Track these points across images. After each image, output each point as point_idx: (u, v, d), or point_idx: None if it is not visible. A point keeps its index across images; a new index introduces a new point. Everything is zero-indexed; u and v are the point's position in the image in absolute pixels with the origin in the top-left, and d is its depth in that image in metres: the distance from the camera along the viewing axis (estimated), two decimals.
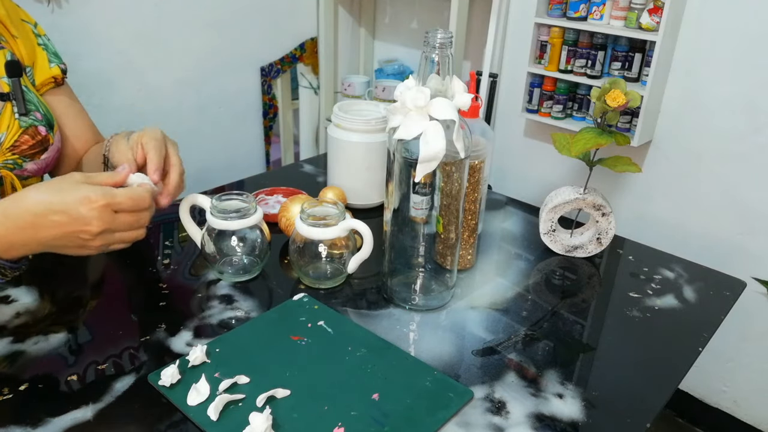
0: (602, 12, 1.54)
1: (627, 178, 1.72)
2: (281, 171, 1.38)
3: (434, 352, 0.74)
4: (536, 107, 1.75)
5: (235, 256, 0.87)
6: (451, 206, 0.78)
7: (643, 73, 1.56)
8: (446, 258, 0.82)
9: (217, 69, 1.95)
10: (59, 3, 0.97)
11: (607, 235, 0.96)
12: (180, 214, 0.86)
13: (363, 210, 1.06)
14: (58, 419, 0.61)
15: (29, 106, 0.88)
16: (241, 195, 0.85)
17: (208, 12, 1.86)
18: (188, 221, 0.87)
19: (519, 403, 0.67)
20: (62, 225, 0.68)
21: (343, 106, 1.06)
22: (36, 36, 0.95)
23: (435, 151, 0.69)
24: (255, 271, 0.87)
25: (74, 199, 0.67)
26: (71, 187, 0.69)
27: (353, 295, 0.85)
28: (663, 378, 0.72)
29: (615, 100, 0.86)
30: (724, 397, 1.74)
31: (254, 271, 0.87)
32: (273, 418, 0.61)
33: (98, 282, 0.87)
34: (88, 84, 1.59)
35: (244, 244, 0.85)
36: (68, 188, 0.69)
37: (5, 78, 0.86)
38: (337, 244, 0.84)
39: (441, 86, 0.72)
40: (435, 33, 0.71)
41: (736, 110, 1.49)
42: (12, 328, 0.74)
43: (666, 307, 0.86)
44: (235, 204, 0.84)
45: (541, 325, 0.81)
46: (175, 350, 0.72)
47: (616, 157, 0.92)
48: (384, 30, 2.25)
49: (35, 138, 0.87)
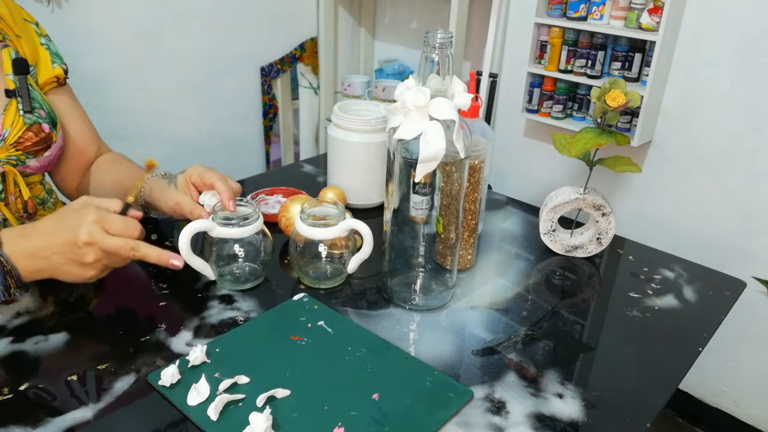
0: (602, 12, 1.54)
1: (627, 178, 1.72)
2: (281, 171, 1.38)
3: (434, 352, 0.74)
4: (536, 107, 1.75)
5: (238, 264, 0.85)
6: (451, 206, 0.78)
7: (643, 73, 1.56)
8: (446, 258, 0.82)
9: (217, 69, 1.95)
10: (59, 3, 0.97)
11: (607, 235, 0.96)
12: (180, 248, 0.79)
13: (363, 210, 1.06)
14: (58, 419, 0.61)
15: (34, 103, 0.88)
16: (242, 200, 0.84)
17: (208, 12, 1.86)
18: (191, 257, 0.81)
19: (519, 403, 0.67)
20: (60, 231, 0.72)
21: (343, 106, 1.06)
22: (39, 36, 0.95)
23: (435, 151, 0.69)
24: (260, 278, 0.86)
25: (72, 214, 0.73)
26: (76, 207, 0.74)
27: (353, 295, 0.85)
28: (663, 378, 0.72)
29: (615, 100, 0.86)
30: (724, 397, 1.74)
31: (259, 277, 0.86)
32: (273, 418, 0.61)
33: (98, 282, 0.87)
34: (88, 84, 1.59)
35: (249, 251, 0.84)
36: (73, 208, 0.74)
37: (11, 75, 0.87)
38: (337, 244, 0.84)
39: (441, 86, 0.72)
40: (435, 33, 0.71)
41: (736, 110, 1.49)
42: (12, 328, 0.74)
43: (666, 307, 0.86)
44: (240, 211, 0.83)
45: (541, 325, 0.81)
46: (175, 350, 0.72)
47: (616, 157, 0.92)
48: (384, 30, 2.25)
49: (39, 135, 0.88)
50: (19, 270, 0.72)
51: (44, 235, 0.72)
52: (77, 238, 0.70)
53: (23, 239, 0.72)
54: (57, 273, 0.73)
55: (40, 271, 0.73)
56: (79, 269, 0.73)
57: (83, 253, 0.71)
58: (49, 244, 0.72)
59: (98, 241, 0.71)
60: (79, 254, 0.71)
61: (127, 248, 0.72)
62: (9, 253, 0.71)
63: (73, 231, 0.71)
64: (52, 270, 0.73)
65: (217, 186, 0.83)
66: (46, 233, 0.72)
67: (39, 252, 0.72)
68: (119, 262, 0.75)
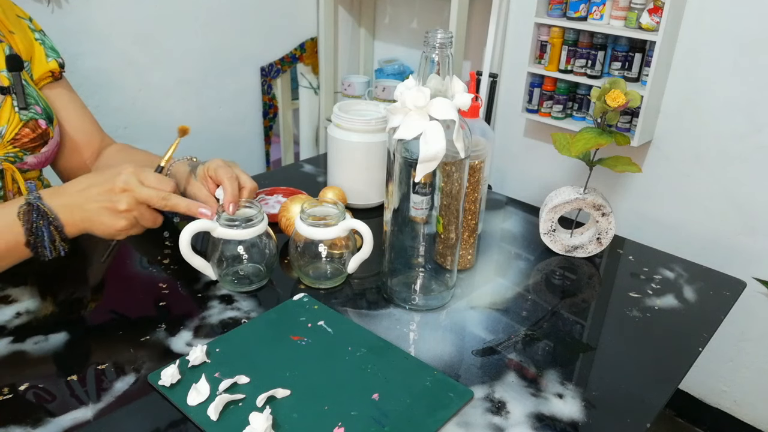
0: (602, 12, 1.54)
1: (627, 178, 1.72)
2: (281, 171, 1.38)
3: (434, 352, 0.74)
4: (536, 107, 1.75)
5: (241, 265, 0.84)
6: (451, 206, 0.78)
7: (643, 73, 1.56)
8: (446, 258, 0.82)
9: (217, 69, 1.95)
10: (59, 3, 0.97)
11: (607, 235, 0.96)
12: (181, 247, 0.79)
13: (363, 210, 1.06)
14: (58, 419, 0.61)
15: (29, 99, 0.88)
16: (244, 201, 0.84)
17: (208, 12, 1.86)
18: (192, 256, 0.81)
19: (519, 403, 0.67)
20: (94, 185, 0.76)
21: (343, 106, 1.06)
22: (32, 31, 0.95)
23: (435, 151, 0.69)
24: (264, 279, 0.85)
25: (109, 170, 0.77)
26: (111, 169, 0.78)
27: (353, 295, 0.85)
28: (663, 378, 0.72)
29: (615, 100, 0.86)
30: (724, 397, 1.74)
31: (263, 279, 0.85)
32: (273, 418, 0.61)
33: (98, 282, 0.87)
34: (88, 84, 1.59)
35: (253, 253, 0.83)
36: (108, 170, 0.78)
37: (5, 72, 0.87)
38: (337, 244, 0.84)
39: (441, 86, 0.72)
40: (435, 33, 0.71)
41: (736, 110, 1.49)
42: (12, 328, 0.74)
43: (666, 307, 0.86)
44: (242, 212, 0.82)
45: (541, 325, 0.81)
46: (175, 350, 0.72)
47: (616, 157, 0.92)
48: (384, 30, 2.25)
49: (35, 131, 0.88)
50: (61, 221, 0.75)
51: (79, 189, 0.76)
52: (115, 185, 0.74)
53: (59, 196, 0.76)
54: (91, 224, 0.76)
55: (77, 223, 0.76)
56: (112, 218, 0.75)
57: (118, 199, 0.74)
58: (85, 197, 0.75)
59: (134, 189, 0.74)
60: (114, 201, 0.74)
61: (159, 197, 0.76)
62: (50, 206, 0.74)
63: (111, 180, 0.75)
64: (86, 221, 0.76)
65: (225, 186, 0.84)
66: (81, 188, 0.76)
67: (75, 204, 0.75)
68: (149, 218, 0.77)
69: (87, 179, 0.78)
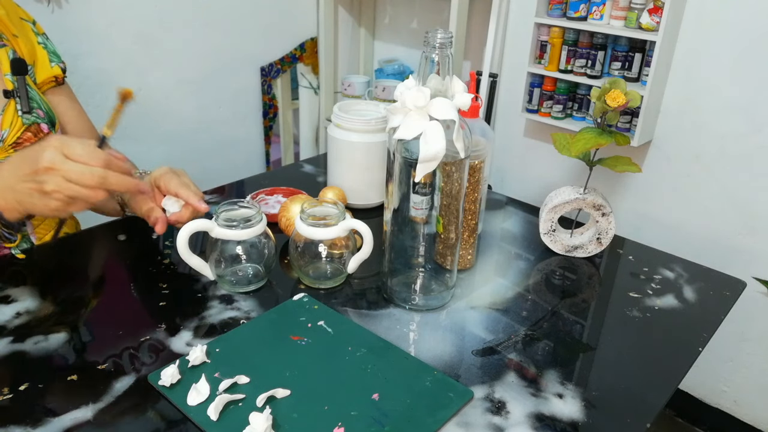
0: (602, 12, 1.54)
1: (627, 178, 1.72)
2: (281, 171, 1.38)
3: (434, 352, 0.74)
4: (536, 107, 1.75)
5: (240, 266, 0.85)
6: (451, 206, 0.78)
7: (643, 73, 1.56)
8: (446, 258, 0.82)
9: (217, 69, 1.95)
10: (59, 3, 0.97)
11: (607, 235, 0.96)
12: (178, 246, 0.79)
13: (363, 210, 1.06)
14: (58, 419, 0.61)
15: (32, 103, 0.88)
16: (242, 201, 0.84)
17: (208, 12, 1.86)
18: (190, 256, 0.81)
19: (519, 403, 0.67)
20: (23, 162, 0.70)
21: (343, 106, 1.06)
22: (36, 35, 0.95)
23: (435, 151, 0.69)
24: (262, 280, 0.85)
25: (36, 146, 0.71)
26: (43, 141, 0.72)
27: (353, 295, 0.85)
28: (663, 378, 0.72)
29: (615, 100, 0.86)
30: (724, 397, 1.74)
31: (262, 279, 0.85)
32: (273, 418, 0.61)
33: (98, 282, 0.87)
34: (88, 84, 1.59)
35: (252, 253, 0.83)
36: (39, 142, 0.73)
37: (9, 75, 0.87)
38: (337, 244, 0.84)
39: (441, 86, 0.72)
40: (435, 33, 0.71)
41: (736, 110, 1.49)
42: (12, 328, 0.74)
43: (666, 307, 0.86)
44: (241, 213, 0.82)
45: (541, 325, 0.81)
46: (175, 350, 0.72)
47: (616, 157, 0.92)
48: (384, 30, 2.25)
49: (38, 135, 0.88)
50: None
51: (10, 170, 0.71)
52: (39, 164, 0.68)
53: None
54: (27, 206, 0.71)
55: (15, 207, 0.72)
56: (42, 199, 0.70)
57: (43, 179, 0.68)
58: (15, 177, 0.70)
59: (59, 167, 0.67)
60: (40, 181, 0.68)
61: (90, 176, 0.68)
62: None
63: (35, 159, 0.68)
64: (21, 203, 0.71)
65: (182, 194, 0.83)
66: (11, 168, 0.71)
67: (7, 186, 0.71)
68: (86, 194, 0.70)
69: (17, 156, 0.72)
